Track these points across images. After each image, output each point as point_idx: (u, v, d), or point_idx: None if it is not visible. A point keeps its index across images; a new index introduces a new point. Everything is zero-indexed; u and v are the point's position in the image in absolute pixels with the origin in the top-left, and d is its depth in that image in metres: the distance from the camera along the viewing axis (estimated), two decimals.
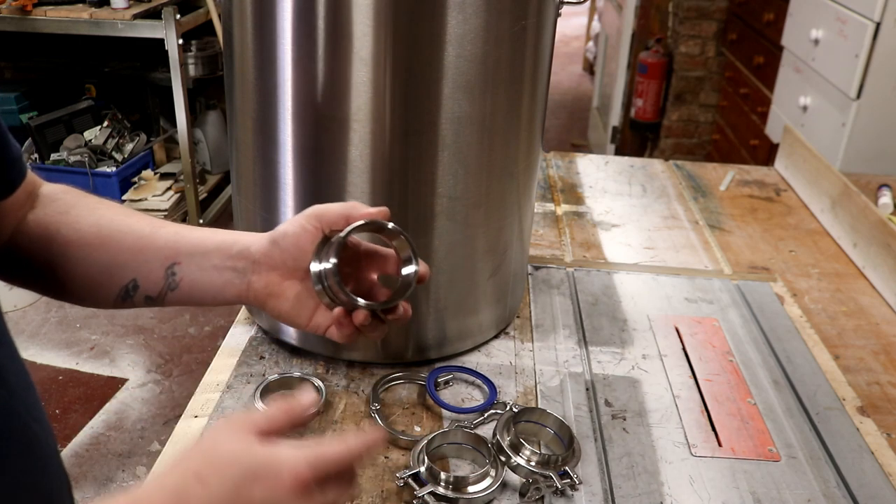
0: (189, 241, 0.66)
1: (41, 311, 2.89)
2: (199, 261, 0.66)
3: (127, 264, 0.66)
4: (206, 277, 0.66)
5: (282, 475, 0.46)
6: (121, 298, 0.68)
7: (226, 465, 0.45)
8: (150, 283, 0.67)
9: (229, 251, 0.66)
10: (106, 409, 2.43)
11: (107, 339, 2.75)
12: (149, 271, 0.66)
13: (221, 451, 0.46)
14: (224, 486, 0.45)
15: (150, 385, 2.54)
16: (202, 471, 0.45)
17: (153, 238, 0.67)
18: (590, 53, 5.97)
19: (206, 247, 0.66)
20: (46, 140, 3.26)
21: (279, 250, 0.65)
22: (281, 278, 0.66)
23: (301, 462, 0.47)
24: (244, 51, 0.88)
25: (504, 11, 0.84)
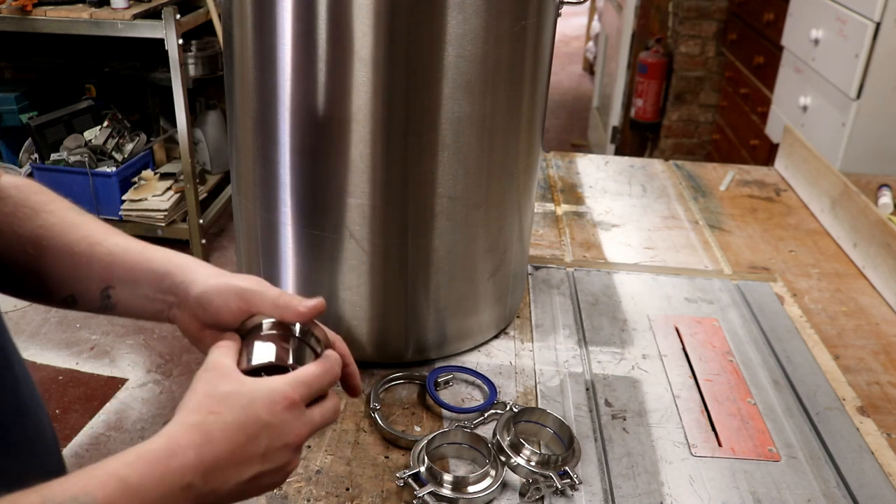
0: (122, 268, 0.68)
1: (41, 311, 2.89)
2: (131, 288, 0.68)
3: (64, 280, 0.68)
4: (138, 304, 0.69)
5: (275, 400, 0.55)
6: (63, 305, 0.70)
7: (231, 397, 0.54)
8: (87, 300, 0.69)
9: (159, 285, 0.67)
10: (106, 409, 2.43)
11: (107, 339, 2.75)
12: (85, 289, 0.68)
13: (223, 389, 0.55)
14: (234, 412, 0.53)
15: (150, 385, 2.54)
16: (213, 406, 0.54)
17: (89, 259, 0.67)
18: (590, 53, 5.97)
19: (136, 276, 0.67)
20: (46, 140, 3.26)
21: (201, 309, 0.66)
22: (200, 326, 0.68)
23: (286, 386, 0.56)
24: (244, 51, 0.88)
25: (504, 11, 0.84)
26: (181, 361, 2.64)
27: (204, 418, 0.53)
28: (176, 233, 3.21)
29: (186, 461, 0.51)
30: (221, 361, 0.58)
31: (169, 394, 2.50)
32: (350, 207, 0.89)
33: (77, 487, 0.47)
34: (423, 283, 0.95)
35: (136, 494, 0.48)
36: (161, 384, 2.55)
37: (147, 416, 2.40)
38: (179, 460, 0.50)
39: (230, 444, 0.53)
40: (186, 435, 0.52)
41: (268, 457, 0.55)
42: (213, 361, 0.58)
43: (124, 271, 0.67)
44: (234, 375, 0.56)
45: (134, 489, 0.48)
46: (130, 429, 2.36)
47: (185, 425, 0.52)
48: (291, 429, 0.56)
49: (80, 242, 0.67)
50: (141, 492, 0.49)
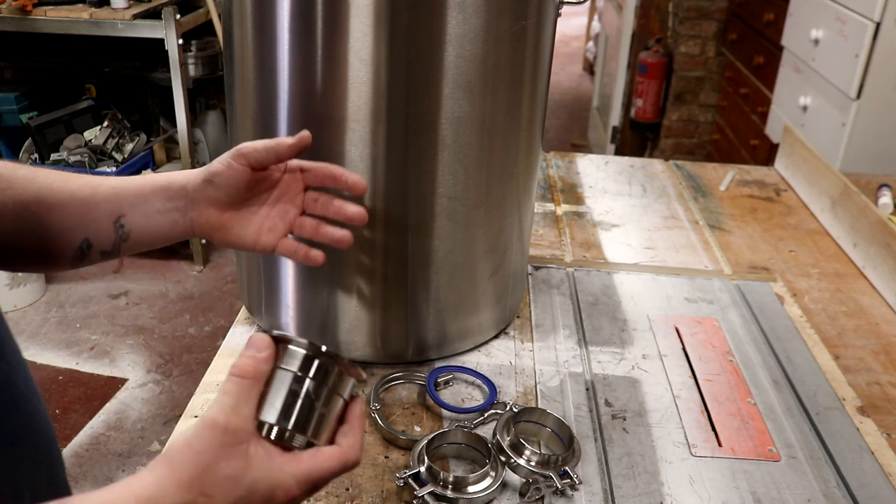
0: (129, 193, 0.71)
1: (41, 311, 2.89)
2: (142, 209, 0.71)
3: (76, 227, 0.70)
4: (152, 222, 0.71)
5: (276, 494, 0.52)
6: (77, 259, 0.71)
7: (230, 484, 0.50)
8: (101, 239, 0.71)
9: (167, 193, 0.71)
10: (106, 409, 2.43)
11: (107, 339, 2.75)
12: (98, 229, 0.71)
13: (224, 471, 0.50)
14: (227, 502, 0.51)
15: (150, 385, 2.54)
16: (207, 488, 0.50)
17: (95, 198, 0.70)
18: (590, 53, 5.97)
19: (145, 194, 0.71)
20: (46, 140, 3.25)
21: (213, 188, 0.71)
22: (219, 212, 0.72)
23: (293, 485, 0.53)
24: (244, 51, 0.88)
25: (504, 11, 0.84)
26: (181, 361, 2.65)
27: (193, 501, 0.50)
28: None
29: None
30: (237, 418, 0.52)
31: (169, 394, 2.50)
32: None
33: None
34: (423, 283, 0.95)
35: None
36: (161, 384, 2.55)
37: (147, 416, 2.41)
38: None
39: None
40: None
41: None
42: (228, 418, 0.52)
43: (132, 195, 0.71)
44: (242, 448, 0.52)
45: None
46: (130, 429, 2.36)
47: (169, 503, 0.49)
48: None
49: (83, 188, 0.70)
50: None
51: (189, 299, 3.00)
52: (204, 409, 0.90)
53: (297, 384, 0.55)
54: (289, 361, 0.56)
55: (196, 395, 0.93)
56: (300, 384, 0.55)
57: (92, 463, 2.21)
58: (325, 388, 0.56)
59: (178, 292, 3.05)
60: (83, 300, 2.97)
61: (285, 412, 0.54)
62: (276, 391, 0.55)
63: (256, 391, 0.54)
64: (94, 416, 2.39)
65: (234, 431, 0.51)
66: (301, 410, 0.55)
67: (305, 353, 0.56)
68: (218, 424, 0.51)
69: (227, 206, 0.73)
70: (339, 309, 0.95)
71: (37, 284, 2.97)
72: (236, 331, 1.05)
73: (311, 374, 0.56)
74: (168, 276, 3.16)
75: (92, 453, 2.25)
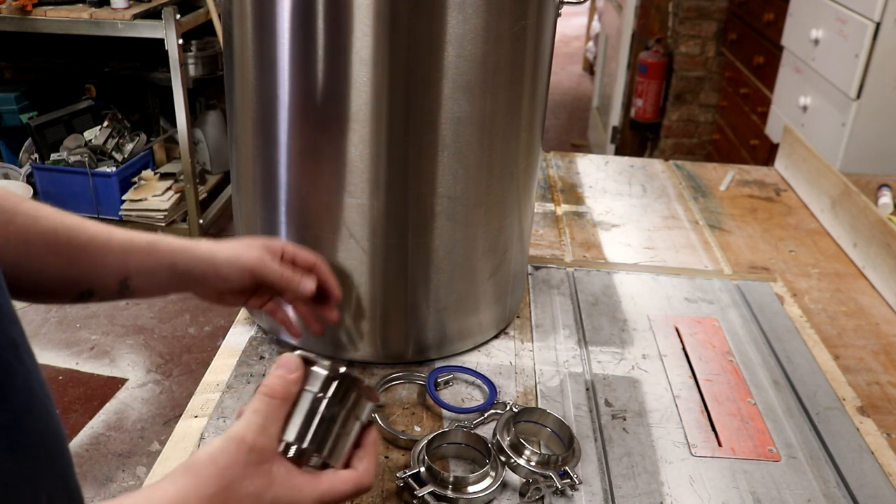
0: (137, 258, 0.72)
1: (41, 311, 2.89)
2: (148, 277, 0.73)
3: (80, 277, 0.71)
4: (155, 288, 0.75)
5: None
6: (74, 300, 0.73)
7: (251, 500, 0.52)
8: (104, 292, 0.73)
9: (174, 270, 0.74)
10: (106, 409, 2.43)
11: (107, 339, 2.75)
12: (104, 283, 0.72)
13: (248, 488, 0.52)
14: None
15: (150, 385, 2.54)
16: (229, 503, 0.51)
17: (104, 256, 0.71)
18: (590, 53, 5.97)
19: (152, 265, 0.73)
20: (46, 140, 3.26)
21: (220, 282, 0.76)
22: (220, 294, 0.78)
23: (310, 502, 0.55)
24: (244, 51, 0.88)
25: (504, 11, 0.84)
26: (181, 361, 2.65)
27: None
28: (176, 233, 3.21)
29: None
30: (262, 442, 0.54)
31: (169, 394, 2.50)
32: (350, 207, 0.89)
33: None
34: (423, 283, 0.95)
35: None
36: (161, 384, 2.55)
37: (147, 416, 2.41)
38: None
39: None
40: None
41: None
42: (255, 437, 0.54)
43: (139, 262, 0.72)
44: (265, 468, 0.54)
45: None
46: (130, 429, 2.36)
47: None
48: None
49: (91, 242, 0.70)
50: None
51: (189, 299, 3.00)
52: (204, 408, 0.90)
53: (318, 405, 0.57)
54: (312, 382, 0.58)
55: (196, 395, 0.93)
56: (321, 405, 0.57)
57: (92, 463, 2.21)
58: (343, 410, 0.58)
59: None
60: None
61: (306, 433, 0.57)
62: (298, 412, 0.57)
63: (284, 411, 0.56)
64: (94, 416, 2.39)
65: (261, 450, 0.53)
66: (321, 432, 0.57)
67: (327, 374, 0.58)
68: (245, 442, 0.53)
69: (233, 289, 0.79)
70: (338, 309, 0.95)
71: None
72: (236, 331, 1.05)
73: (331, 396, 0.58)
74: None
75: (92, 453, 2.25)
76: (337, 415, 0.58)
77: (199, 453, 0.52)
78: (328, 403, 0.58)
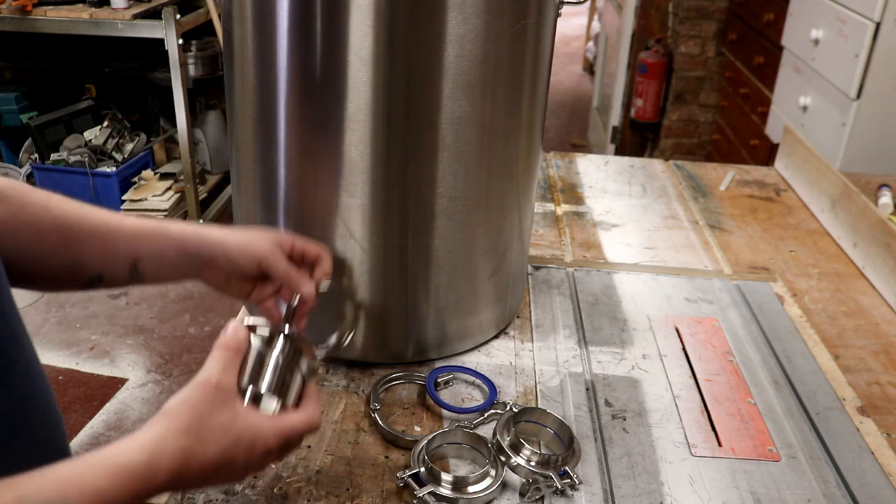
0: (147, 242, 0.74)
1: (41, 311, 2.89)
2: (157, 260, 0.74)
3: (92, 263, 0.72)
4: (165, 272, 0.76)
5: (256, 444, 0.61)
6: (84, 286, 0.74)
7: (220, 432, 0.59)
8: (114, 276, 0.74)
9: (183, 253, 0.75)
10: (106, 409, 2.43)
11: (107, 339, 2.75)
12: (113, 270, 0.73)
13: (216, 420, 0.59)
14: (219, 449, 0.59)
15: (150, 385, 2.54)
16: (202, 435, 0.58)
17: (115, 240, 0.73)
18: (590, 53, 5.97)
19: (162, 248, 0.74)
20: (46, 140, 3.25)
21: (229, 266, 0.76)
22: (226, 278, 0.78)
23: (271, 435, 0.62)
24: (244, 51, 0.88)
25: (504, 11, 0.84)
26: (181, 361, 2.64)
27: (190, 446, 0.57)
28: None
29: (162, 482, 0.56)
30: (226, 379, 0.62)
31: (169, 394, 2.50)
32: (350, 207, 0.89)
33: (54, 491, 0.50)
34: (423, 283, 0.95)
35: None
36: (161, 384, 2.55)
37: (147, 416, 2.40)
38: (156, 481, 0.56)
39: (201, 474, 0.59)
40: (168, 458, 0.56)
41: (229, 478, 0.63)
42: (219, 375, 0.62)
43: (149, 246, 0.74)
44: (230, 403, 0.61)
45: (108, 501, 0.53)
46: (130, 429, 2.36)
47: (170, 448, 0.56)
48: (258, 465, 0.63)
49: (101, 227, 0.72)
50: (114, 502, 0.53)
51: (189, 299, 3.00)
52: None
53: (266, 358, 0.67)
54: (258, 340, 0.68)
55: None
56: (268, 358, 0.67)
57: None
58: (286, 363, 0.68)
59: (178, 292, 3.04)
60: (83, 300, 2.97)
61: (259, 379, 0.66)
62: (249, 363, 0.66)
63: (238, 361, 0.64)
64: (95, 416, 2.39)
65: (224, 389, 0.61)
66: (271, 379, 0.66)
67: (269, 332, 0.68)
68: (210, 383, 0.60)
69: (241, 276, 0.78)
70: (338, 309, 0.95)
71: None
72: None
73: (276, 349, 0.68)
74: None
75: None
76: (282, 365, 0.67)
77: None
78: (274, 357, 0.67)
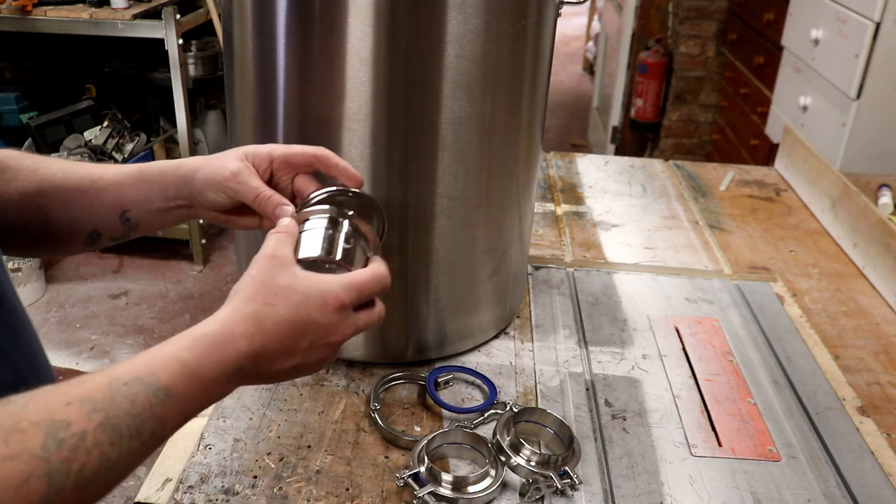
0: (129, 190, 0.72)
1: (41, 311, 2.89)
2: (145, 206, 0.73)
3: (82, 218, 0.72)
4: (157, 218, 0.74)
5: (327, 298, 0.60)
6: (88, 245, 0.74)
7: (286, 291, 0.59)
8: (109, 229, 0.73)
9: (165, 194, 0.72)
10: None
11: (107, 339, 2.75)
12: (105, 220, 0.73)
13: (280, 282, 0.59)
14: (288, 308, 0.58)
15: None
16: (269, 298, 0.58)
17: (97, 191, 0.72)
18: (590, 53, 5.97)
19: (145, 194, 0.72)
20: (46, 140, 3.25)
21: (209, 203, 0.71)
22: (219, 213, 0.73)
23: (338, 288, 0.61)
24: (244, 51, 0.88)
25: (504, 11, 0.84)
26: None
27: (259, 309, 0.57)
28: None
29: (240, 348, 0.56)
30: (281, 251, 0.62)
31: None
32: None
33: (142, 368, 0.51)
34: (423, 283, 0.95)
35: (195, 376, 0.53)
36: None
37: None
38: (234, 347, 0.56)
39: (280, 337, 0.58)
40: (241, 324, 0.56)
41: (310, 352, 0.61)
42: (273, 248, 0.62)
43: (132, 192, 0.72)
44: (291, 268, 0.61)
45: (193, 371, 0.53)
46: None
47: (241, 314, 0.57)
48: (336, 329, 0.61)
49: (84, 181, 0.72)
50: (199, 374, 0.54)
51: (189, 299, 3.00)
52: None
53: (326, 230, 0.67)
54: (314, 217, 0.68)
55: None
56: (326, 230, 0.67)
57: None
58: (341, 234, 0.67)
59: (178, 292, 3.05)
60: (83, 300, 2.97)
61: (318, 246, 0.65)
62: (306, 238, 0.66)
63: (292, 240, 0.64)
64: None
65: (280, 257, 0.61)
66: (330, 244, 0.66)
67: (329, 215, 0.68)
68: (267, 255, 0.61)
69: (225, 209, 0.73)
70: None
71: (37, 284, 2.97)
72: None
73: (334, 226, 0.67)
74: (168, 276, 3.16)
75: None
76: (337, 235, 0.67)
77: (238, 280, 0.60)
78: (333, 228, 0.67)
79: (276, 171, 0.73)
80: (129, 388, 0.49)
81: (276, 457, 0.84)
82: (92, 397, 0.48)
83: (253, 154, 0.71)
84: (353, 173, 0.73)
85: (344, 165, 0.72)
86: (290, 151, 0.72)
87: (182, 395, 0.52)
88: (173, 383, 0.52)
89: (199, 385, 0.54)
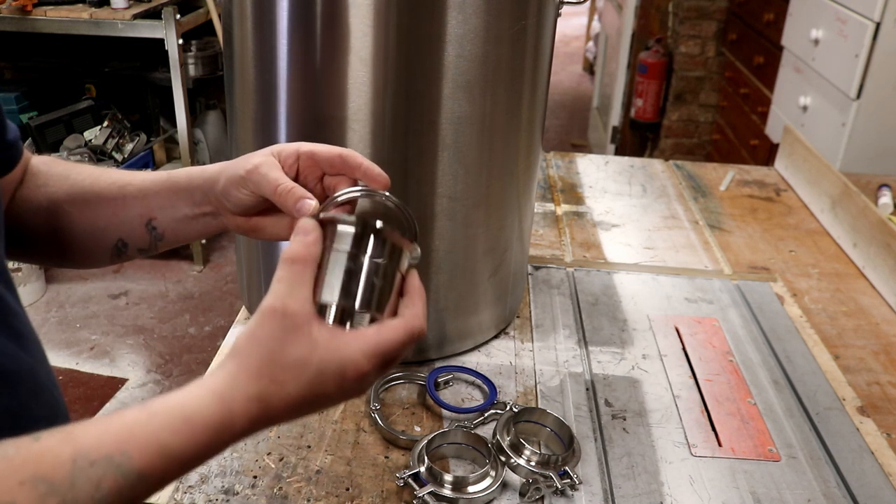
0: (155, 197, 0.68)
1: (41, 311, 2.89)
2: (171, 213, 0.68)
3: (109, 227, 0.69)
4: (183, 226, 0.69)
5: (346, 371, 0.51)
6: (115, 256, 0.71)
7: (297, 368, 0.51)
8: (136, 239, 0.70)
9: (192, 201, 0.67)
10: (106, 409, 2.43)
11: (107, 339, 2.75)
12: (131, 230, 0.70)
13: (291, 355, 0.51)
14: (300, 386, 0.51)
15: (150, 385, 2.54)
16: (277, 375, 0.50)
17: (124, 201, 0.69)
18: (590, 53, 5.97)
19: (172, 202, 0.68)
20: (46, 140, 3.25)
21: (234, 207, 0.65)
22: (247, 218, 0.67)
23: (360, 356, 0.52)
24: (244, 51, 0.88)
25: (504, 11, 0.84)
26: (181, 361, 2.64)
27: (265, 388, 0.50)
28: None
29: (237, 429, 0.49)
30: (295, 301, 0.52)
31: None
32: None
33: (114, 445, 0.45)
34: (423, 283, 0.94)
35: (175, 458, 0.47)
36: (161, 384, 2.55)
37: None
38: (230, 431, 0.49)
39: (287, 410, 0.51)
40: (243, 406, 0.49)
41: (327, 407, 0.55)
42: (285, 298, 0.51)
43: (158, 199, 0.68)
44: (305, 329, 0.51)
45: (173, 455, 0.47)
46: None
47: (243, 393, 0.49)
48: (357, 389, 0.54)
49: (111, 187, 0.69)
50: (181, 457, 0.47)
51: (189, 299, 3.00)
52: None
53: (352, 262, 0.55)
54: (340, 240, 0.55)
55: None
56: (354, 262, 0.55)
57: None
58: (379, 263, 0.55)
59: (178, 292, 3.04)
60: (83, 300, 2.97)
61: (343, 291, 0.54)
62: (330, 272, 0.54)
63: (310, 274, 0.53)
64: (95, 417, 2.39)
65: (293, 315, 0.51)
66: (358, 287, 0.54)
67: (355, 230, 0.55)
68: (276, 311, 0.51)
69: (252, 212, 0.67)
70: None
71: (37, 284, 2.97)
72: (236, 331, 1.05)
73: (364, 251, 0.55)
74: (168, 276, 3.16)
75: None
76: (373, 268, 0.55)
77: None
78: (362, 258, 0.55)
79: (302, 169, 0.68)
80: (94, 470, 0.44)
81: (276, 457, 0.84)
82: (49, 478, 0.43)
83: (279, 150, 0.66)
84: (377, 172, 0.65)
85: (367, 166, 0.65)
86: (317, 148, 0.66)
87: (159, 476, 0.46)
88: (148, 466, 0.46)
89: (179, 466, 0.48)
